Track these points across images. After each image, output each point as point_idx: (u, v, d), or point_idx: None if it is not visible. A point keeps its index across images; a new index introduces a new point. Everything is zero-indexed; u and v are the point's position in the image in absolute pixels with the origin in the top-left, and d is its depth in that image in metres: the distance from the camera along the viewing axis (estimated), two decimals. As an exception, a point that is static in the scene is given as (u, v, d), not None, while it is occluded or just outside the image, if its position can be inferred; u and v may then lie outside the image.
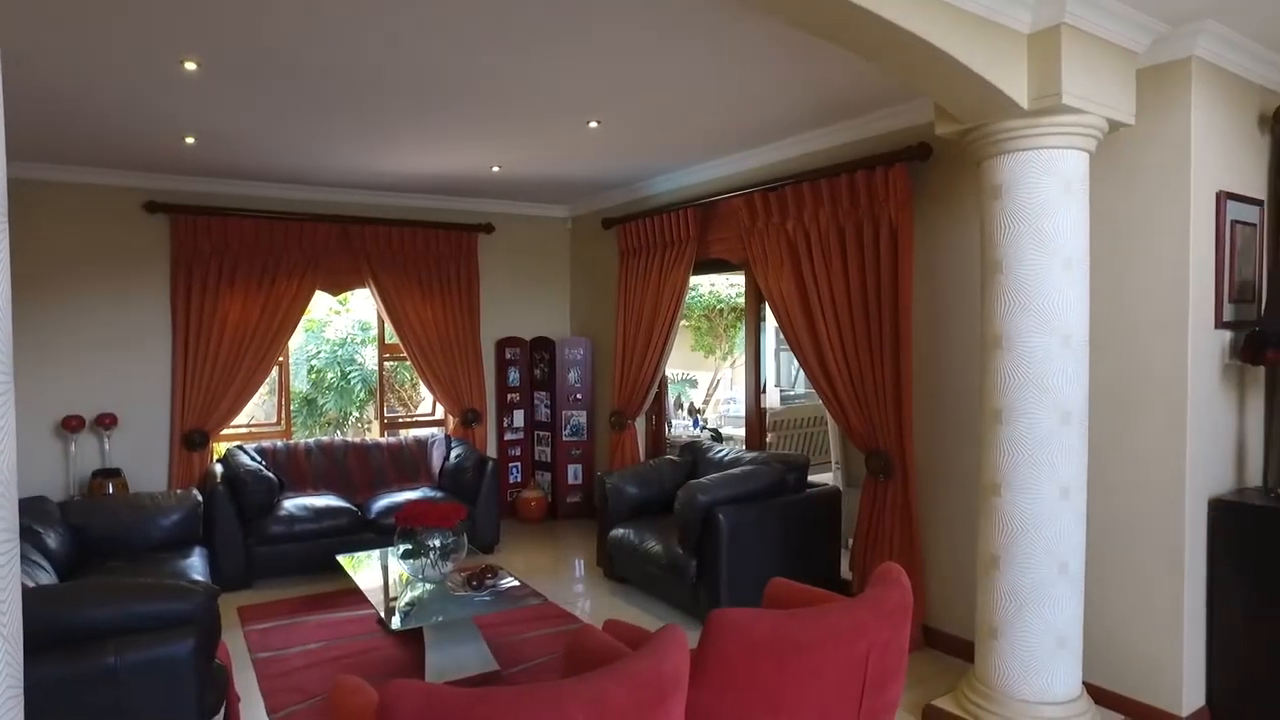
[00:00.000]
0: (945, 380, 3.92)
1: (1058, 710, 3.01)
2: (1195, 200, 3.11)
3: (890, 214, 3.94)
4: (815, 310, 4.31)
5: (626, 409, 6.05)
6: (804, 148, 4.63)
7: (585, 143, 4.85)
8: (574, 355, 6.86)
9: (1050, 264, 2.93)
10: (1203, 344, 3.17)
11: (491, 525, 5.76)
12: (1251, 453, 3.45)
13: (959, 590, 3.75)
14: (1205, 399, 3.19)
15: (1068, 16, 2.79)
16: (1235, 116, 3.30)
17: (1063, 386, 2.95)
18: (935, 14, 2.63)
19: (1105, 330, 3.25)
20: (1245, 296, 3.34)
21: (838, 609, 2.23)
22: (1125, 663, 3.27)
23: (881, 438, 4.02)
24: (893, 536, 3.99)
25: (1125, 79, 3.07)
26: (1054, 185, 2.94)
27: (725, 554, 4.02)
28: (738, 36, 3.18)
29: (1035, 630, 3.01)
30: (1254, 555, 3.10)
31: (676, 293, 5.57)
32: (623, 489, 4.95)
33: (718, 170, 5.34)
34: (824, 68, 3.46)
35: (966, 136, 3.12)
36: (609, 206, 6.53)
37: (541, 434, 7.01)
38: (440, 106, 4.10)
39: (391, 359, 7.19)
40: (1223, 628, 3.18)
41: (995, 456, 3.06)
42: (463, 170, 5.58)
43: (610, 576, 5.11)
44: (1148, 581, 3.22)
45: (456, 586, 3.79)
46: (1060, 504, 2.97)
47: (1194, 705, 3.18)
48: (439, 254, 6.50)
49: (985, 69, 2.78)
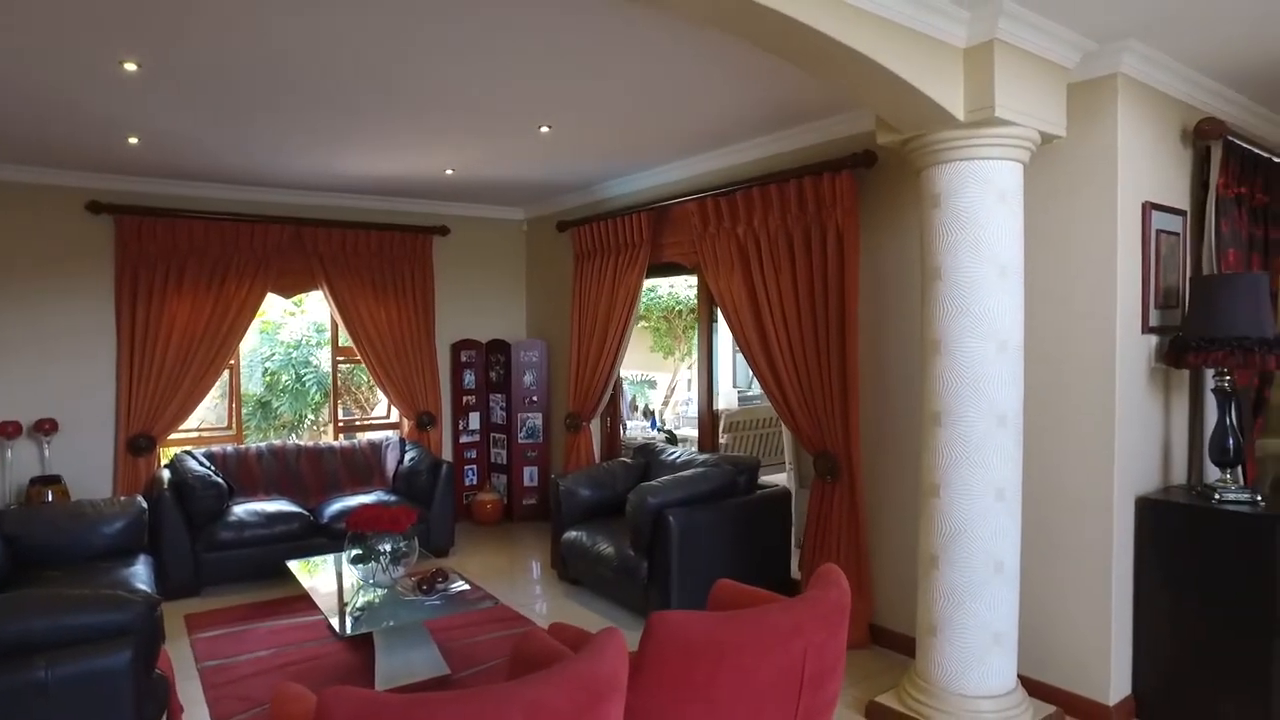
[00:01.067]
0: (890, 383, 4.02)
1: (993, 703, 3.11)
2: (1123, 210, 3.23)
3: (837, 220, 4.02)
4: (765, 313, 4.38)
5: (582, 411, 6.08)
6: (754, 153, 4.70)
7: (538, 147, 4.87)
8: (530, 358, 6.87)
9: (986, 271, 3.02)
10: (1130, 348, 3.30)
11: (446, 528, 5.74)
12: (1176, 452, 3.60)
13: (904, 589, 3.84)
14: (1133, 401, 3.32)
15: (1000, 32, 2.88)
16: (1160, 130, 3.43)
17: (998, 390, 3.04)
18: (874, 29, 2.70)
19: (1039, 335, 3.36)
20: (1170, 303, 3.47)
21: (775, 610, 2.28)
22: (1057, 655, 3.38)
23: (829, 439, 4.10)
24: (840, 537, 4.07)
25: (1056, 93, 3.18)
26: (989, 195, 3.03)
27: (675, 556, 4.07)
28: (685, 44, 3.22)
29: (972, 627, 3.10)
30: (1177, 550, 3.23)
31: (630, 295, 5.61)
32: (576, 491, 4.98)
33: (671, 175, 5.40)
34: (772, 75, 3.52)
35: (906, 146, 3.21)
36: (564, 209, 6.55)
37: (497, 436, 7.00)
38: (390, 110, 4.09)
39: (346, 362, 7.12)
40: (1148, 620, 3.31)
41: (934, 458, 3.15)
42: (416, 173, 5.56)
43: (564, 579, 5.13)
44: (1078, 577, 3.33)
45: (407, 591, 3.79)
46: (996, 505, 3.07)
47: (1121, 694, 3.31)
48: (393, 256, 6.46)
49: (922, 82, 2.86)
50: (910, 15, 2.78)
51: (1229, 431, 3.24)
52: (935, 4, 2.79)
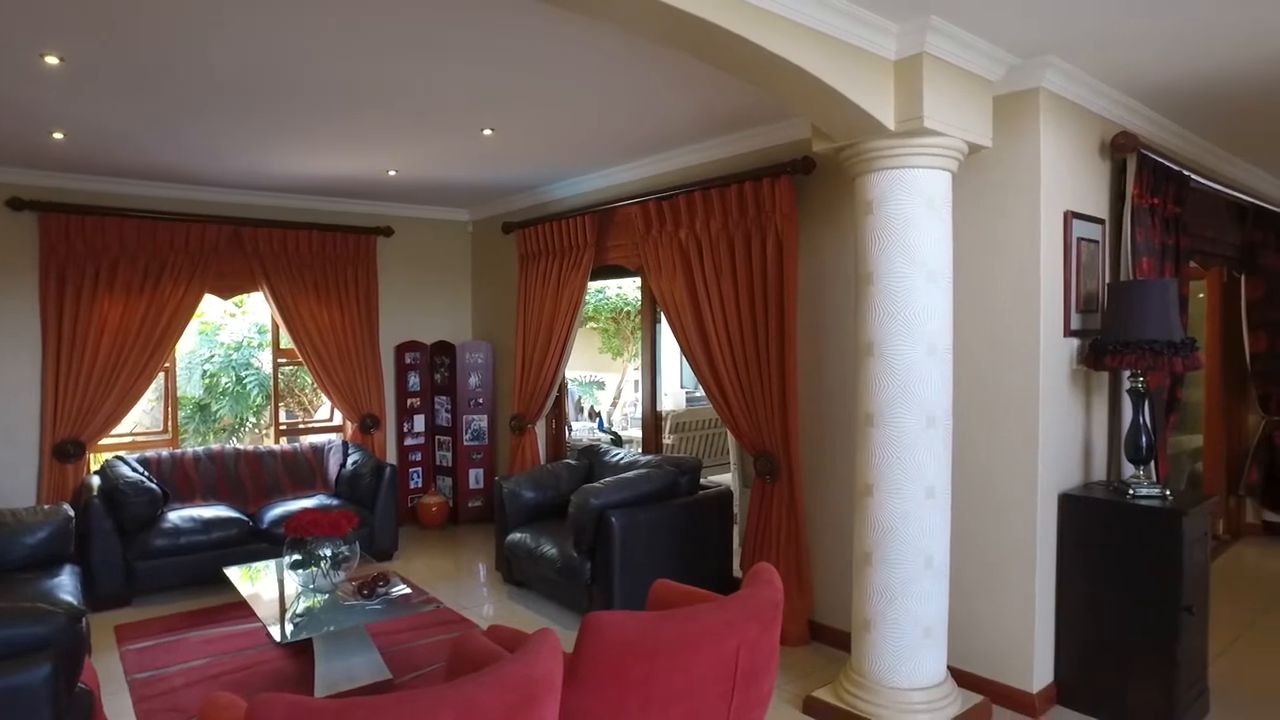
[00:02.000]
0: (827, 385, 4.11)
1: (924, 695, 3.21)
2: (1045, 219, 3.37)
3: (776, 224, 4.10)
4: (706, 316, 4.43)
5: (527, 413, 6.08)
6: (696, 158, 4.77)
7: (481, 150, 4.86)
8: (475, 359, 6.83)
9: (916, 276, 3.12)
10: (1053, 351, 3.44)
11: (390, 532, 5.68)
12: (1097, 450, 3.75)
13: (842, 586, 3.92)
14: (1056, 402, 3.46)
15: (928, 46, 2.98)
16: (1080, 143, 3.58)
17: (928, 392, 3.14)
18: (808, 42, 2.77)
19: (967, 338, 3.47)
20: (1090, 307, 3.63)
21: (708, 609, 2.33)
22: (985, 647, 3.51)
23: (768, 440, 4.18)
24: (780, 536, 4.15)
25: (982, 105, 3.30)
26: (919, 202, 3.13)
27: (618, 556, 4.10)
28: (628, 51, 3.25)
29: (904, 622, 3.19)
30: (1097, 544, 3.37)
31: (575, 298, 5.63)
32: (520, 493, 4.98)
33: (615, 178, 5.43)
34: (713, 82, 3.56)
35: (841, 154, 3.29)
36: (510, 211, 6.53)
37: (442, 439, 6.95)
38: (330, 110, 4.03)
39: (288, 364, 6.99)
40: (1069, 610, 3.45)
41: (868, 459, 3.23)
42: (358, 173, 5.49)
43: (509, 581, 5.12)
44: (1004, 572, 3.46)
45: (348, 595, 3.75)
46: (926, 503, 3.17)
47: (1044, 681, 3.45)
48: (336, 257, 6.37)
49: (854, 93, 2.94)
50: (842, 28, 2.85)
51: (1142, 430, 3.40)
52: (866, 18, 2.87)
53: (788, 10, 2.66)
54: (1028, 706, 3.39)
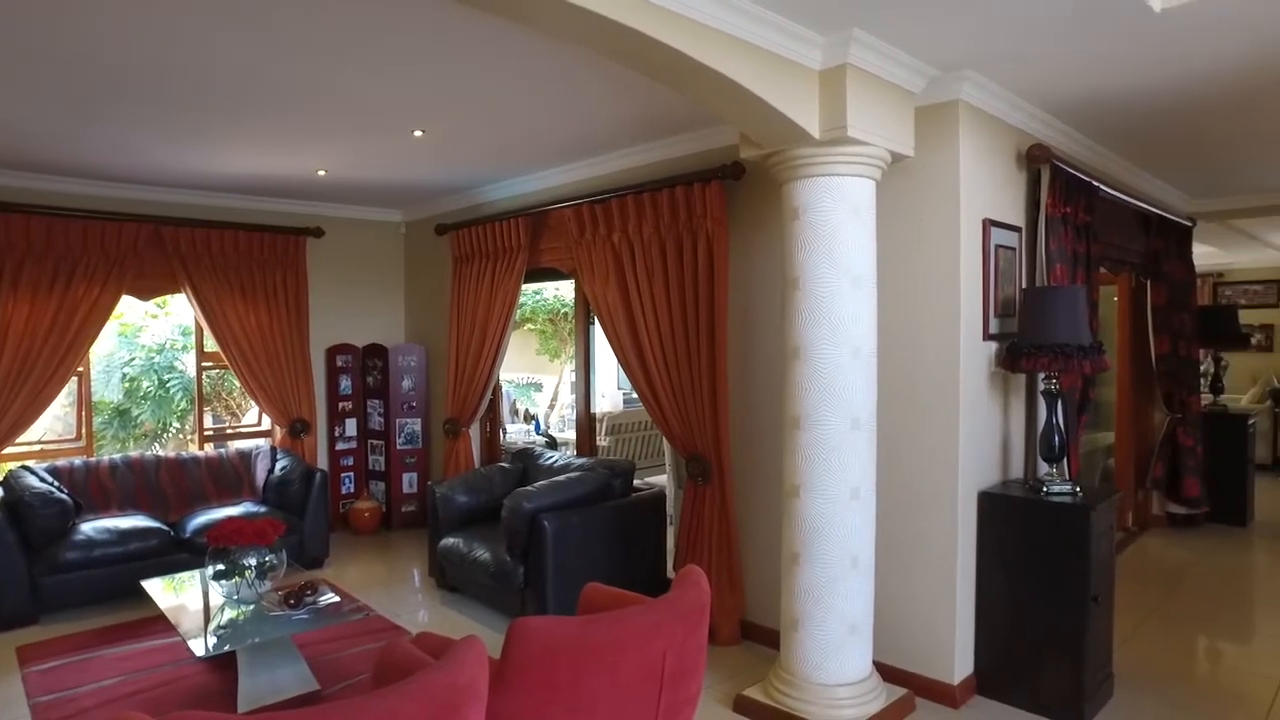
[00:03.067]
0: (757, 388, 4.17)
1: (850, 690, 3.29)
2: (965, 226, 3.48)
3: (707, 229, 4.15)
4: (638, 319, 4.46)
5: (461, 416, 6.01)
6: (629, 162, 4.79)
7: (412, 151, 4.80)
8: (408, 362, 6.73)
9: (841, 281, 3.19)
10: (972, 354, 3.56)
11: (320, 539, 5.56)
12: (1014, 449, 3.90)
13: (772, 586, 3.98)
14: (975, 404, 3.58)
15: (852, 58, 3.06)
16: (997, 153, 3.72)
17: (853, 395, 3.22)
18: (735, 51, 2.81)
19: (891, 342, 3.57)
20: (1008, 312, 3.77)
21: (635, 612, 2.35)
22: (908, 641, 3.61)
23: (700, 442, 4.23)
24: (712, 537, 4.20)
25: (904, 115, 3.40)
26: (844, 209, 3.20)
27: (551, 560, 4.10)
28: (559, 55, 3.25)
29: (831, 620, 3.27)
30: (1013, 539, 3.51)
31: (509, 300, 5.59)
32: (453, 498, 4.92)
33: (549, 180, 5.42)
34: (645, 88, 3.58)
35: (768, 161, 3.35)
36: (443, 212, 6.46)
37: (375, 443, 6.83)
38: (256, 108, 3.93)
39: (214, 367, 6.78)
40: (987, 604, 3.58)
41: (795, 461, 3.30)
42: (286, 172, 5.36)
43: (442, 586, 5.07)
44: (926, 568, 3.57)
45: (274, 606, 3.65)
46: (851, 504, 3.25)
47: (964, 673, 3.57)
48: (263, 258, 6.20)
49: (780, 102, 3.00)
50: (768, 38, 2.90)
51: (1055, 430, 3.55)
52: (791, 29, 2.93)
53: (713, 19, 2.70)
54: (949, 697, 3.51)
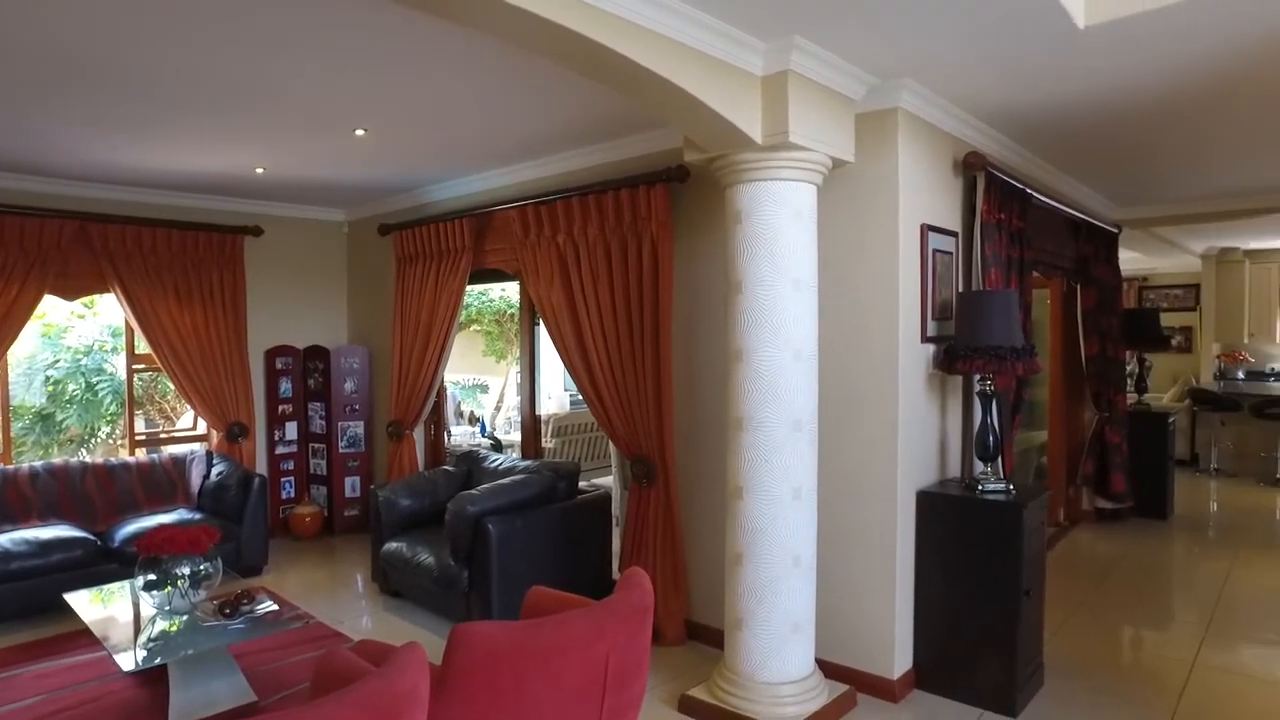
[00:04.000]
0: (702, 390, 4.21)
1: (793, 688, 3.34)
2: (903, 231, 3.56)
3: (652, 231, 4.17)
4: (583, 321, 4.46)
5: (404, 419, 5.93)
6: (574, 163, 4.79)
7: (354, 150, 4.71)
8: (351, 364, 6.61)
9: (784, 285, 3.24)
10: (911, 356, 3.64)
11: (259, 546, 5.43)
12: (951, 449, 4.00)
13: (717, 586, 4.02)
14: (914, 405, 3.66)
15: (793, 65, 3.10)
16: (935, 160, 3.82)
17: (794, 397, 3.26)
18: (678, 56, 2.83)
19: (831, 345, 3.63)
20: (945, 315, 3.87)
21: (577, 615, 2.34)
22: (850, 638, 3.68)
23: (644, 444, 4.24)
24: (657, 539, 4.22)
25: (845, 122, 3.46)
26: (786, 213, 3.25)
27: (495, 564, 4.07)
28: (502, 57, 3.23)
29: (774, 619, 3.31)
30: (950, 537, 3.60)
31: (453, 301, 5.54)
32: (396, 501, 4.85)
33: (493, 181, 5.38)
34: (589, 90, 3.57)
35: (712, 165, 3.38)
36: (387, 212, 6.36)
37: (316, 446, 6.68)
38: (192, 103, 3.81)
39: (146, 369, 6.56)
40: (925, 600, 3.67)
41: (738, 462, 3.33)
42: (223, 169, 5.22)
43: (386, 591, 4.99)
44: (867, 566, 3.64)
45: (208, 616, 3.55)
46: (793, 504, 3.29)
47: (904, 668, 3.65)
48: (199, 257, 6.01)
49: (723, 107, 3.02)
50: (711, 44, 2.93)
51: (990, 430, 3.66)
52: (734, 35, 2.96)
53: (656, 24, 2.71)
54: (889, 692, 3.58)
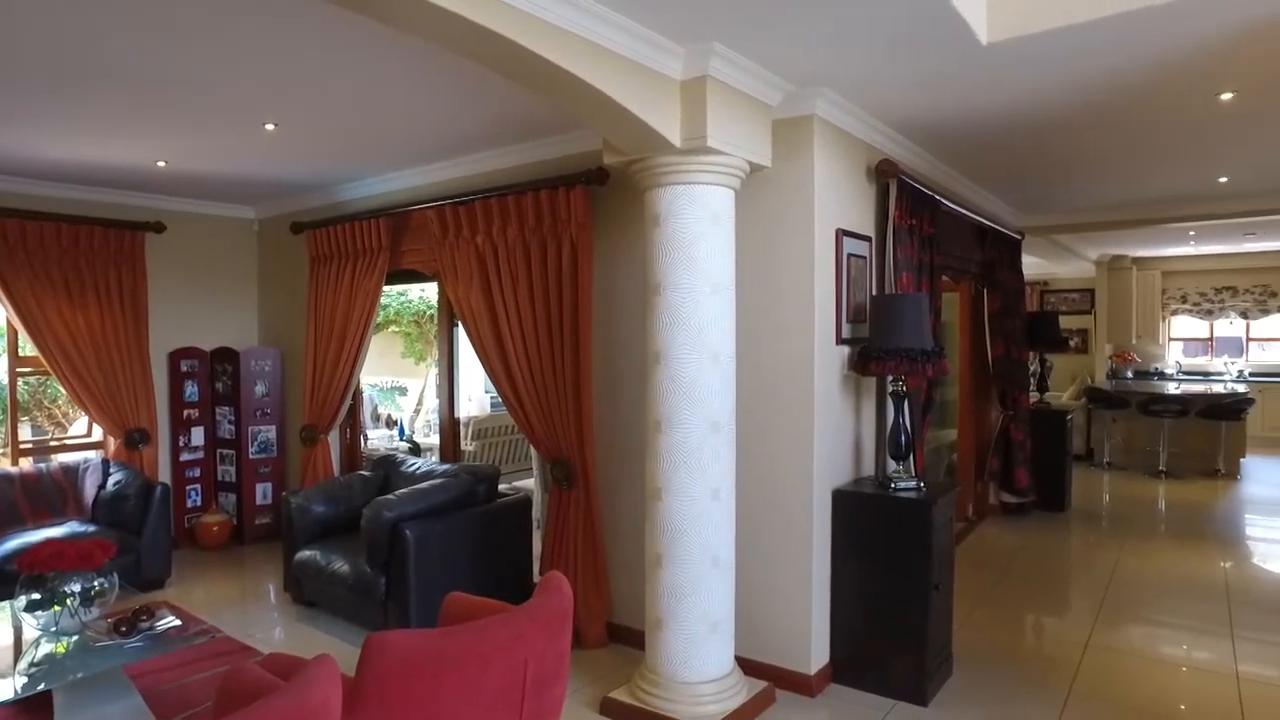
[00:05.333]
0: (622, 392, 4.21)
1: (713, 686, 3.37)
2: (819, 235, 3.64)
3: (571, 233, 4.15)
4: (502, 323, 4.41)
5: (319, 422, 5.75)
6: (494, 164, 4.73)
7: (264, 145, 4.54)
8: (262, 367, 6.37)
9: (701, 287, 3.27)
10: (826, 358, 3.73)
11: (161, 558, 5.17)
12: (866, 448, 4.12)
13: (638, 588, 4.03)
14: (829, 405, 3.75)
15: (712, 70, 3.14)
16: (850, 166, 3.92)
17: (712, 398, 3.30)
18: (597, 58, 2.83)
19: (749, 347, 3.69)
20: (859, 318, 3.97)
21: (495, 622, 2.31)
22: (768, 635, 3.74)
23: (564, 447, 4.22)
24: (577, 541, 4.20)
25: (762, 127, 3.53)
26: (704, 217, 3.28)
27: (413, 570, 3.98)
28: (418, 53, 3.16)
29: (693, 618, 3.34)
30: (864, 534, 3.70)
31: (369, 303, 5.40)
32: (309, 508, 4.70)
33: (411, 180, 5.27)
34: (506, 90, 3.54)
35: (631, 168, 3.39)
36: (300, 210, 6.15)
37: (225, 452, 6.41)
38: (77, 89, 3.60)
39: (33, 372, 6.17)
40: (841, 596, 3.76)
41: (657, 464, 3.35)
42: (120, 162, 4.95)
43: (299, 601, 4.83)
44: (785, 565, 3.71)
45: (101, 635, 3.35)
46: (712, 504, 3.33)
47: (820, 663, 3.74)
48: (94, 254, 5.69)
49: (642, 110, 3.04)
50: (631, 48, 2.94)
51: (901, 430, 3.78)
52: (653, 39, 2.98)
53: (575, 25, 2.70)
54: (806, 687, 3.66)
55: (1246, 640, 4.27)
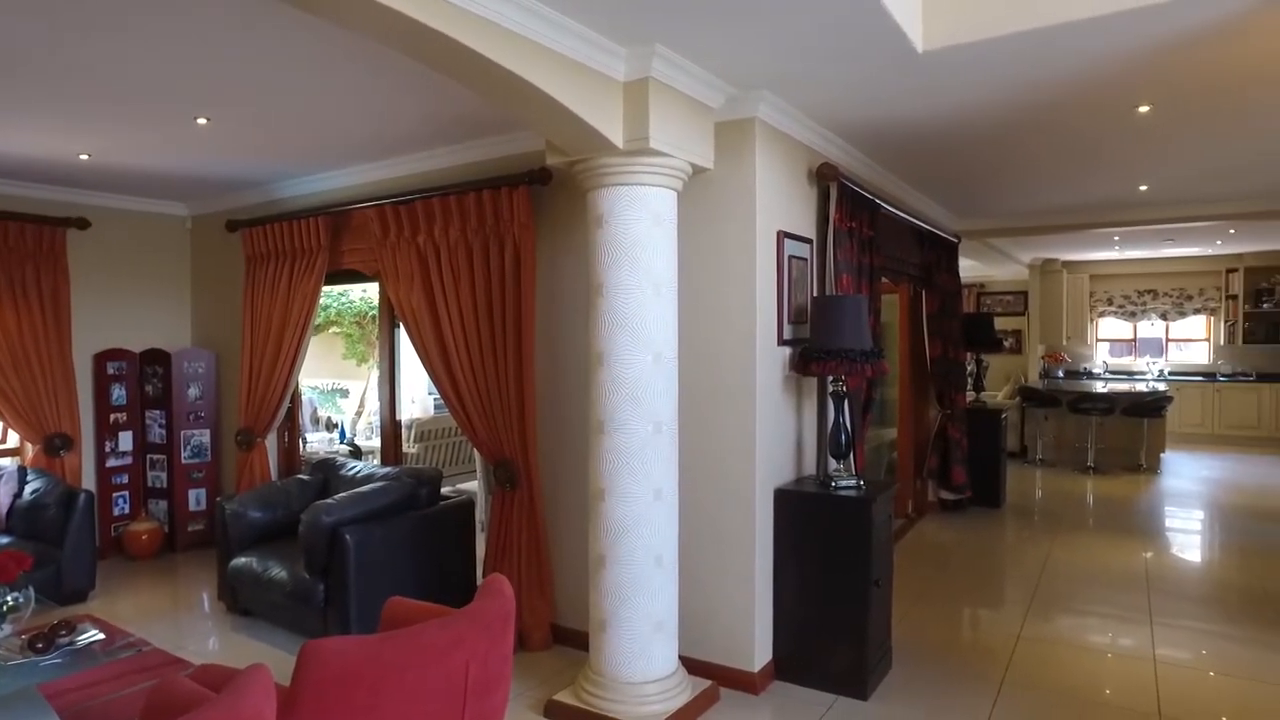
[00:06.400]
0: (565, 394, 4.20)
1: (657, 686, 3.38)
2: (760, 237, 3.68)
3: (514, 233, 4.12)
4: (444, 324, 4.35)
5: (255, 426, 5.59)
6: (435, 163, 4.67)
7: (195, 140, 4.40)
8: (195, 369, 6.17)
9: (643, 288, 3.28)
10: (768, 359, 3.77)
11: (84, 569, 4.96)
12: (807, 447, 4.18)
13: (582, 590, 4.02)
14: (771, 405, 3.80)
15: (654, 72, 3.15)
16: (791, 169, 3.97)
17: (655, 399, 3.31)
18: (539, 58, 2.81)
19: (691, 348, 3.72)
20: (800, 319, 4.03)
21: (435, 626, 2.28)
22: (712, 634, 3.77)
23: (507, 448, 4.19)
24: (521, 543, 4.17)
25: (705, 130, 3.55)
26: (646, 218, 3.29)
27: (353, 575, 3.90)
28: (357, 46, 3.10)
29: (637, 619, 3.34)
30: (806, 531, 3.75)
31: (308, 303, 5.27)
32: (245, 513, 4.56)
33: (351, 179, 5.17)
34: (447, 89, 3.50)
35: (574, 168, 3.38)
36: (236, 207, 5.98)
37: (155, 458, 6.19)
38: None
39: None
40: (783, 594, 3.81)
41: (600, 464, 3.35)
42: (37, 154, 4.74)
43: (234, 610, 4.69)
44: (727, 564, 3.74)
45: (14, 653, 3.20)
46: (655, 505, 3.34)
47: (764, 660, 3.78)
48: (10, 251, 5.44)
49: (585, 111, 3.03)
50: (573, 48, 2.93)
51: (841, 429, 3.84)
52: (596, 40, 2.98)
53: (518, 25, 2.69)
54: (750, 684, 3.69)
55: (1164, 626, 4.49)
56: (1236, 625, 4.57)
